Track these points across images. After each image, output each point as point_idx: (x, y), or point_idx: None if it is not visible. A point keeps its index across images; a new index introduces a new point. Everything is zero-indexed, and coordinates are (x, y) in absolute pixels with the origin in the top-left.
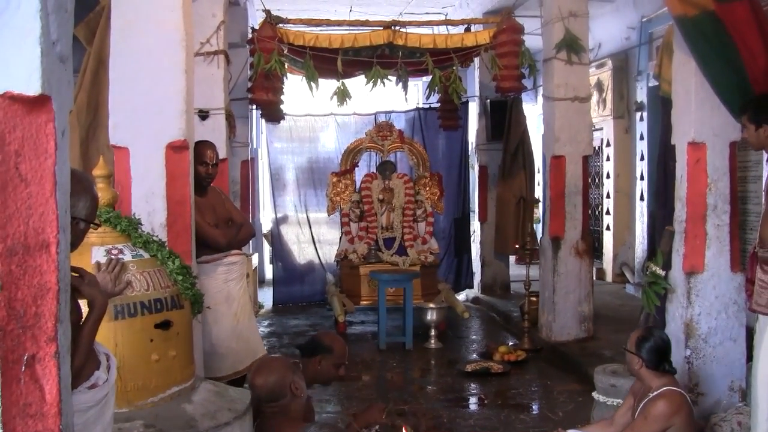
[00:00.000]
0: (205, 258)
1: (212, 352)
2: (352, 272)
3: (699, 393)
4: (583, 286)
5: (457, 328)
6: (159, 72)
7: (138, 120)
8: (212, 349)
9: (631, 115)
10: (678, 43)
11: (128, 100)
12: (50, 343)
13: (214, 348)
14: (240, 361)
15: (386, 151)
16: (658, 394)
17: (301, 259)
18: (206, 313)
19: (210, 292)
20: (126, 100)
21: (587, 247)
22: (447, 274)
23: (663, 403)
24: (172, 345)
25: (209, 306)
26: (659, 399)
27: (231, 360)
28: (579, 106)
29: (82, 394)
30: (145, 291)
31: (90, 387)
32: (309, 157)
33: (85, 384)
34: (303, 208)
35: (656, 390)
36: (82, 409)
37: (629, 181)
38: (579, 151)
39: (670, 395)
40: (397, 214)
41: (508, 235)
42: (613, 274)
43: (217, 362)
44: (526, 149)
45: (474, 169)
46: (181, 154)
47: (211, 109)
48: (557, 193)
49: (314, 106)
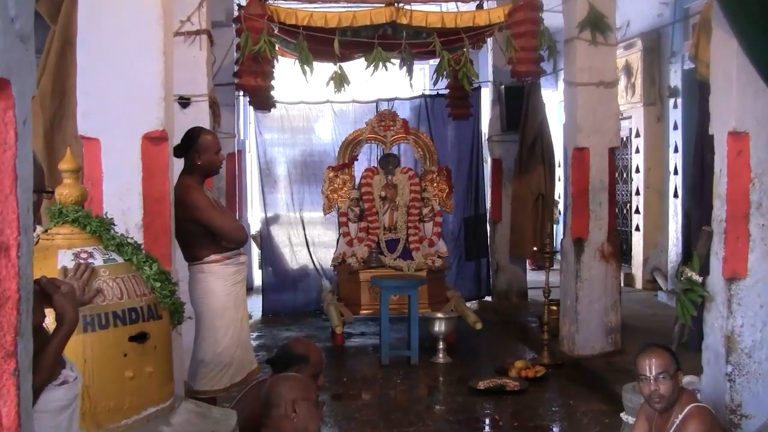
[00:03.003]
0: (214, 258)
1: (216, 362)
2: (350, 278)
3: (742, 415)
4: (610, 294)
5: (469, 341)
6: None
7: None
8: (217, 359)
9: (663, 102)
10: (717, 20)
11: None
12: (9, 359)
13: (219, 357)
14: (239, 372)
15: (389, 142)
16: (688, 414)
17: (293, 264)
18: (214, 320)
19: (219, 296)
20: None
21: (614, 249)
22: (457, 280)
23: (697, 423)
24: (148, 360)
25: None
26: (691, 420)
27: (232, 371)
28: (604, 92)
29: (53, 391)
30: (119, 299)
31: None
32: (303, 149)
33: (55, 382)
34: (296, 207)
35: (683, 409)
36: (54, 409)
37: (661, 176)
38: (605, 143)
39: (700, 413)
40: (401, 213)
41: (524, 236)
42: (643, 280)
43: (219, 374)
44: (545, 141)
45: (487, 162)
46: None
47: (192, 96)
48: (580, 190)
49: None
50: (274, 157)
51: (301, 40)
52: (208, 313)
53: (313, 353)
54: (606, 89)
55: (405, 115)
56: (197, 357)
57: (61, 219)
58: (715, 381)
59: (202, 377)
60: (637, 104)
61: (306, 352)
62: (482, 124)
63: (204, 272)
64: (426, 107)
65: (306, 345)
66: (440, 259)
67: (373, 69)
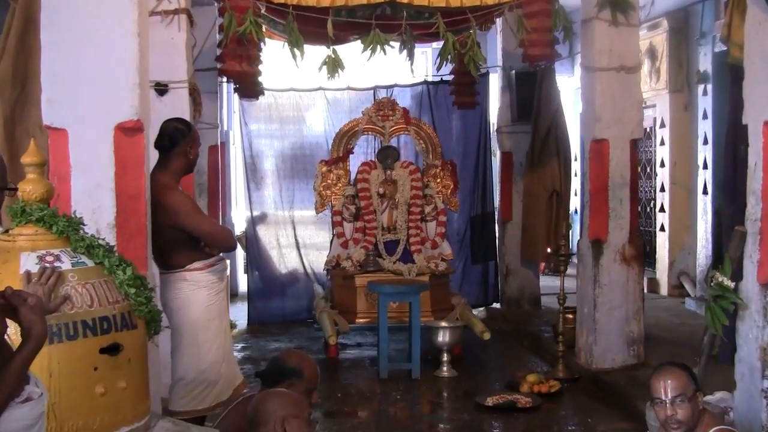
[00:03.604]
0: (198, 265)
1: (201, 380)
2: (345, 283)
3: None
4: (632, 301)
5: (476, 353)
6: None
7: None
8: (201, 376)
9: (691, 89)
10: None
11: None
12: None
13: (203, 375)
14: (226, 389)
15: (388, 134)
16: None
17: (282, 268)
18: (196, 333)
19: (202, 307)
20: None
21: (636, 252)
22: (463, 285)
23: None
24: (121, 374)
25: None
26: None
27: (219, 388)
28: (626, 78)
29: (17, 409)
30: (88, 307)
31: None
32: (293, 141)
33: (17, 399)
34: (285, 205)
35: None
36: (17, 429)
37: (689, 171)
38: (626, 134)
39: None
40: (401, 212)
41: (537, 237)
42: (668, 285)
43: (203, 392)
44: (559, 132)
45: (496, 156)
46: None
47: (170, 82)
48: (598, 186)
49: (299, 79)
50: (260, 150)
51: (290, 21)
52: (189, 326)
53: (308, 367)
54: (627, 75)
55: (405, 104)
56: (176, 375)
57: (24, 218)
58: (750, 398)
59: (183, 396)
60: (662, 91)
61: (299, 365)
62: (490, 113)
63: (186, 281)
64: (428, 95)
65: (300, 358)
66: (444, 263)
67: (370, 53)
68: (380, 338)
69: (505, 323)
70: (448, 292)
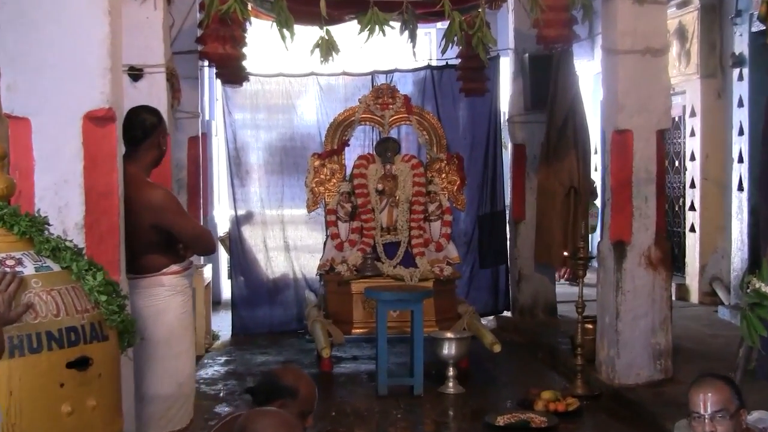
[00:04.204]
0: (175, 268)
1: (178, 395)
2: (340, 290)
3: None
4: (658, 309)
5: (485, 367)
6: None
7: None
8: (179, 391)
9: (725, 74)
10: None
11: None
12: None
13: (182, 389)
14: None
15: (387, 124)
16: None
17: (270, 273)
18: (171, 344)
19: (178, 314)
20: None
21: (663, 255)
22: (470, 292)
23: None
24: (91, 391)
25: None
26: None
27: (190, 403)
28: (652, 62)
29: None
30: (54, 317)
31: None
32: (282, 132)
33: None
34: (273, 203)
35: None
36: None
37: (722, 165)
38: (652, 124)
39: None
40: (402, 211)
41: (553, 239)
42: (699, 292)
43: (181, 408)
44: (578, 122)
45: (507, 148)
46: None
47: (146, 66)
48: (621, 182)
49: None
50: (246, 142)
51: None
52: (164, 336)
53: (304, 387)
54: (654, 58)
55: (407, 91)
56: (150, 393)
57: None
58: None
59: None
60: (692, 76)
61: (296, 384)
62: (501, 101)
63: (164, 285)
64: (432, 81)
65: (297, 376)
66: (450, 267)
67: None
68: (379, 351)
69: (517, 334)
70: (454, 300)
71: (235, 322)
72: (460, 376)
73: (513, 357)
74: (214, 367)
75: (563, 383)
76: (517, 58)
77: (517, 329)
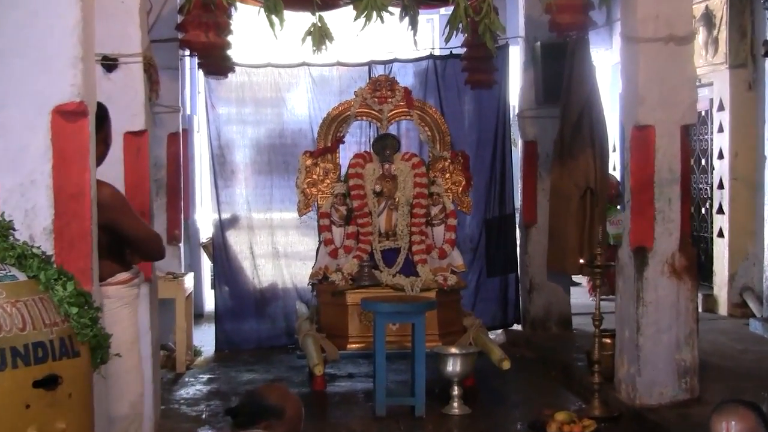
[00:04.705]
0: (123, 277)
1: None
2: (335, 301)
3: None
4: (683, 322)
5: (493, 385)
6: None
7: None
8: (133, 411)
9: (757, 63)
10: None
11: None
12: None
13: (135, 408)
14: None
15: (386, 119)
16: None
17: (257, 282)
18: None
19: (129, 327)
20: None
21: (688, 262)
22: (477, 303)
23: None
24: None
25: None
26: None
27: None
28: (676, 51)
29: None
30: (20, 331)
31: None
32: (270, 128)
33: None
34: (261, 206)
35: None
36: None
37: (754, 163)
38: (676, 119)
39: None
40: (402, 214)
41: (567, 245)
42: (729, 303)
43: (138, 430)
44: (594, 116)
45: (517, 146)
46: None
47: (121, 56)
48: (642, 182)
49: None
50: (231, 139)
51: None
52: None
53: (291, 406)
54: (678, 46)
55: (407, 83)
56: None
57: None
58: None
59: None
60: (720, 66)
61: (282, 403)
62: (510, 94)
63: (109, 297)
64: (435, 72)
65: (282, 395)
66: (454, 276)
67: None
68: (377, 368)
69: (528, 349)
70: (459, 312)
71: (219, 336)
72: (466, 395)
73: (524, 374)
74: (196, 386)
75: (579, 403)
76: (527, 46)
77: (529, 344)
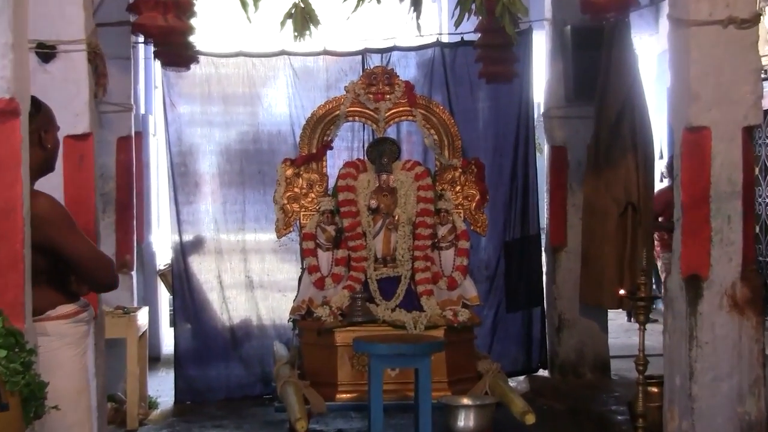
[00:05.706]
0: (64, 310)
1: None
2: (321, 341)
3: None
4: (747, 367)
5: None
6: None
7: None
8: None
9: None
10: None
11: None
12: None
13: None
14: None
15: (383, 120)
16: None
17: (226, 318)
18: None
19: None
20: None
21: (753, 294)
22: (494, 343)
23: None
24: None
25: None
26: None
27: None
28: (736, 36)
29: None
30: None
31: None
32: (243, 130)
33: None
34: (231, 225)
35: None
36: None
37: None
38: (737, 119)
39: None
40: (404, 236)
41: (604, 272)
42: None
43: None
44: (637, 117)
45: (542, 152)
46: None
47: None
48: (696, 197)
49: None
50: (194, 144)
51: None
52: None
53: None
54: (739, 31)
55: (409, 76)
56: None
57: None
58: None
59: None
60: None
61: None
62: (534, 90)
63: (49, 335)
64: (443, 63)
65: None
66: (467, 311)
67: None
68: (372, 422)
69: (557, 399)
70: (472, 354)
71: (180, 384)
72: None
73: (551, 430)
74: None
75: None
76: (555, 32)
77: (557, 393)
